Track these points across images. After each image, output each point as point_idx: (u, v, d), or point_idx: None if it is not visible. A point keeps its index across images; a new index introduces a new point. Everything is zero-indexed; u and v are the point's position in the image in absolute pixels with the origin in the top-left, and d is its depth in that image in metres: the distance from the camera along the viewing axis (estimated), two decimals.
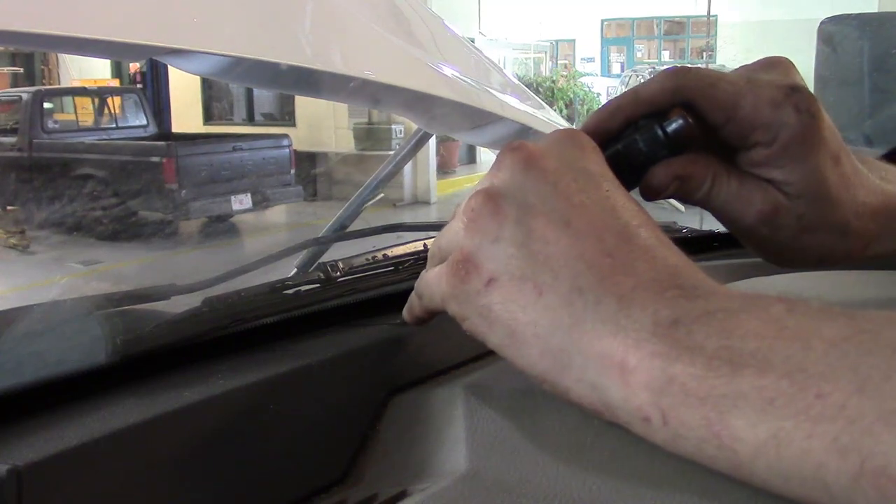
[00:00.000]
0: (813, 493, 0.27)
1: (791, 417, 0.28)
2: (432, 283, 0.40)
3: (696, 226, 0.85)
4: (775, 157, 0.43)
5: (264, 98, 11.06)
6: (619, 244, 0.35)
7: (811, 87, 0.43)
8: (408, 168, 8.07)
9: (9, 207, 7.39)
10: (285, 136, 8.55)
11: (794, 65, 0.45)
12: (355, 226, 0.96)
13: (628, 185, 0.41)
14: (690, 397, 0.30)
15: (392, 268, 0.63)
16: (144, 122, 9.02)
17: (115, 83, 11.58)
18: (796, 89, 0.43)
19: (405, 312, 0.46)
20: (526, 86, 1.07)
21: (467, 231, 0.37)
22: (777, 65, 0.45)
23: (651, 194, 0.44)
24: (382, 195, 1.08)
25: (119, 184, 7.29)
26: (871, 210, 0.45)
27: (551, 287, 0.34)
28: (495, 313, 0.35)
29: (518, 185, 0.37)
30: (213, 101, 11.55)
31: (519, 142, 0.38)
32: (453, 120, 0.90)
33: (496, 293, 0.35)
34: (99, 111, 8.98)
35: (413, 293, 0.45)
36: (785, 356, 0.29)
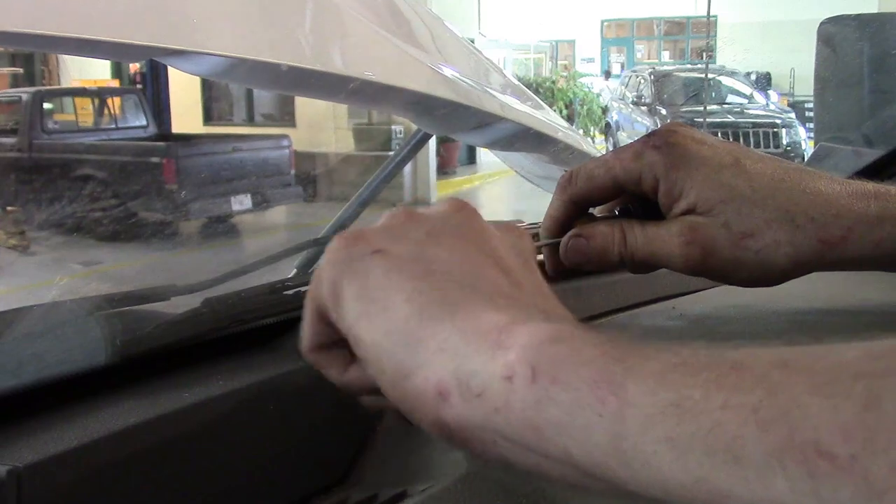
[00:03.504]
0: (714, 472, 0.23)
1: (700, 386, 0.24)
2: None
3: None
4: (668, 192, 0.46)
5: (264, 99, 11.04)
6: (522, 272, 0.34)
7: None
8: (408, 168, 8.06)
9: (9, 208, 7.38)
10: (285, 136, 8.54)
11: (677, 127, 0.48)
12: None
13: None
14: (575, 356, 0.26)
15: None
16: (144, 122, 9.01)
17: (115, 84, 11.56)
18: (653, 133, 0.47)
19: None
20: (526, 86, 1.07)
21: (374, 227, 0.35)
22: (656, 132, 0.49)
23: (560, 273, 0.49)
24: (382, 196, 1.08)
25: (119, 184, 7.28)
26: (825, 199, 0.45)
27: (444, 274, 0.32)
28: (373, 278, 0.32)
29: (443, 215, 0.36)
30: (212, 102, 11.53)
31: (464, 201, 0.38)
32: (453, 121, 0.90)
33: (381, 261, 0.32)
34: (99, 112, 8.97)
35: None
36: (694, 349, 0.26)
